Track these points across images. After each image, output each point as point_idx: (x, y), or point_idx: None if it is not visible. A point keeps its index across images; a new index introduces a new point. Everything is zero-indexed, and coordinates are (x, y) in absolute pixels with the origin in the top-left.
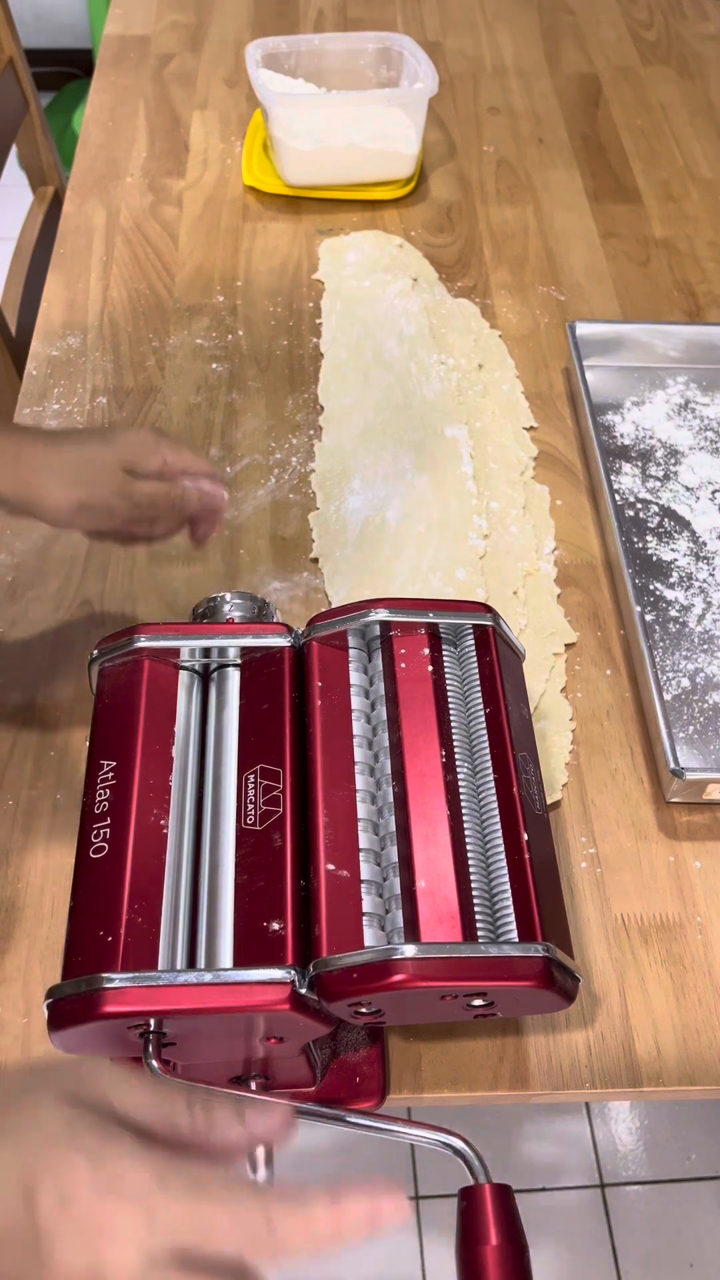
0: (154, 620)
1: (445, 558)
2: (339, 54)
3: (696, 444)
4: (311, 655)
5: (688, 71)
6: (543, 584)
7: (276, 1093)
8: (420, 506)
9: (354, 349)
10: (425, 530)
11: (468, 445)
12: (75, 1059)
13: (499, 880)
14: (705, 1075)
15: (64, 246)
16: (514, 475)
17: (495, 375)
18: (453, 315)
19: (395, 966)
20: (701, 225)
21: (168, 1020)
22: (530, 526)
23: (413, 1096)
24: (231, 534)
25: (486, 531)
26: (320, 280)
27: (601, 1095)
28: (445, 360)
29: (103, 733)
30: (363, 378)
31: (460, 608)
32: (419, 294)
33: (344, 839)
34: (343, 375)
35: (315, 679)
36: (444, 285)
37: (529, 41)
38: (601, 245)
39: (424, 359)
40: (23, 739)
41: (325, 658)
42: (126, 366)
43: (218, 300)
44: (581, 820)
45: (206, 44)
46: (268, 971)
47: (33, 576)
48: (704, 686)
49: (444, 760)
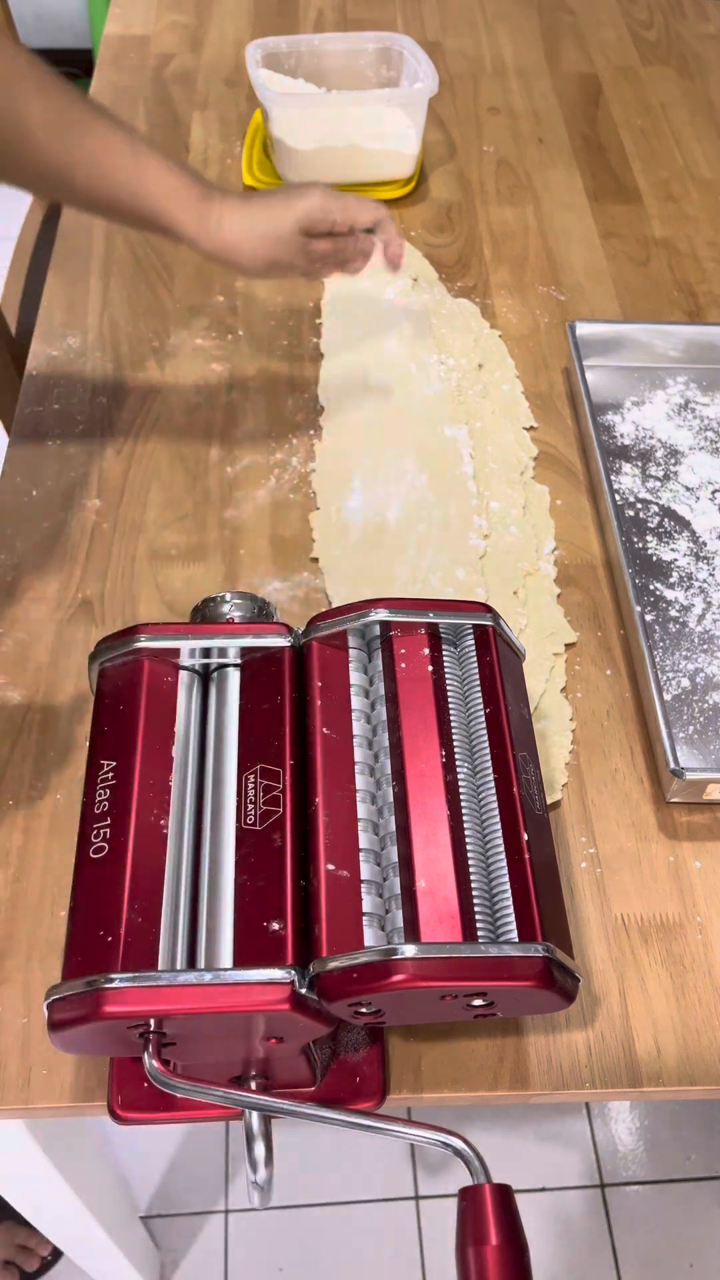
0: (154, 620)
1: (445, 558)
2: (339, 54)
3: (696, 444)
4: (311, 655)
5: (688, 71)
6: (543, 584)
7: (277, 1092)
8: (420, 507)
9: (354, 349)
10: (425, 530)
11: (468, 445)
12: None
13: (499, 880)
14: (705, 1075)
15: (64, 246)
16: (514, 475)
17: (495, 375)
18: (453, 315)
19: (395, 966)
20: (701, 225)
21: (168, 1020)
22: (530, 526)
23: (413, 1096)
24: (231, 534)
25: (486, 531)
26: (320, 280)
27: (601, 1095)
28: (445, 360)
29: (103, 733)
30: (363, 378)
31: (460, 608)
32: (419, 294)
33: (344, 839)
34: (343, 376)
35: (315, 679)
36: (444, 285)
37: (529, 41)
38: (601, 245)
39: (424, 359)
40: (23, 739)
41: (325, 658)
42: (126, 366)
43: (218, 300)
44: (581, 820)
45: (206, 44)
46: (268, 972)
47: (33, 576)
48: (704, 686)
49: (444, 760)
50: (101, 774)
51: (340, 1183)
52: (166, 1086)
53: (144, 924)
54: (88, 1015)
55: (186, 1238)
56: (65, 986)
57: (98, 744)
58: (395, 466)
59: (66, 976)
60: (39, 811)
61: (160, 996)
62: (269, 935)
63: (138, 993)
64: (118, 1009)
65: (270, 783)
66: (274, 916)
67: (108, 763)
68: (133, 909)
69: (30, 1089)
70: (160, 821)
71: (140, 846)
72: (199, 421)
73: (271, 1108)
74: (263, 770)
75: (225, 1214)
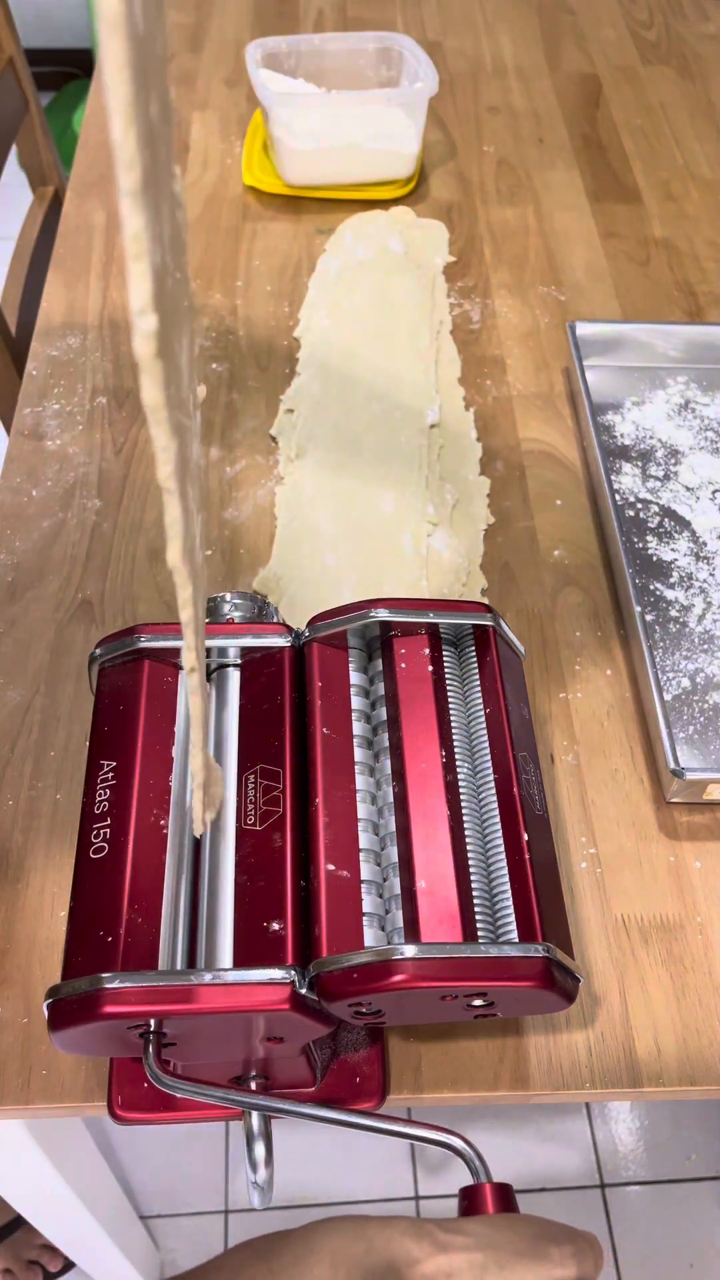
0: (154, 620)
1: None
2: (339, 54)
3: (697, 444)
4: (311, 655)
5: (688, 71)
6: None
7: (277, 1092)
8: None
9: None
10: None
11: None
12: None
13: (499, 880)
14: (705, 1075)
15: (64, 246)
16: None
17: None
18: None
19: (395, 967)
20: (701, 225)
21: (168, 1020)
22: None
23: (413, 1096)
24: (231, 534)
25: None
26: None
27: (602, 1095)
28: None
29: (103, 733)
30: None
31: (460, 608)
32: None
33: (344, 839)
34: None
35: (315, 679)
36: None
37: (529, 41)
38: (601, 245)
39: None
40: (23, 739)
41: (325, 658)
42: (126, 366)
43: (218, 300)
44: (581, 820)
45: (206, 44)
46: (267, 972)
47: (33, 576)
48: (704, 686)
49: (444, 760)
50: (101, 774)
51: (340, 1183)
52: (166, 1087)
53: (144, 924)
54: (88, 1015)
55: (186, 1238)
56: (65, 986)
57: (98, 744)
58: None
59: (66, 976)
60: (39, 811)
61: (160, 996)
62: (269, 935)
63: (138, 993)
64: (118, 1009)
65: (270, 783)
66: (274, 917)
67: (108, 763)
68: (133, 909)
69: (30, 1089)
70: (160, 821)
71: (140, 846)
72: (199, 421)
73: (271, 1108)
74: (263, 770)
75: (225, 1214)
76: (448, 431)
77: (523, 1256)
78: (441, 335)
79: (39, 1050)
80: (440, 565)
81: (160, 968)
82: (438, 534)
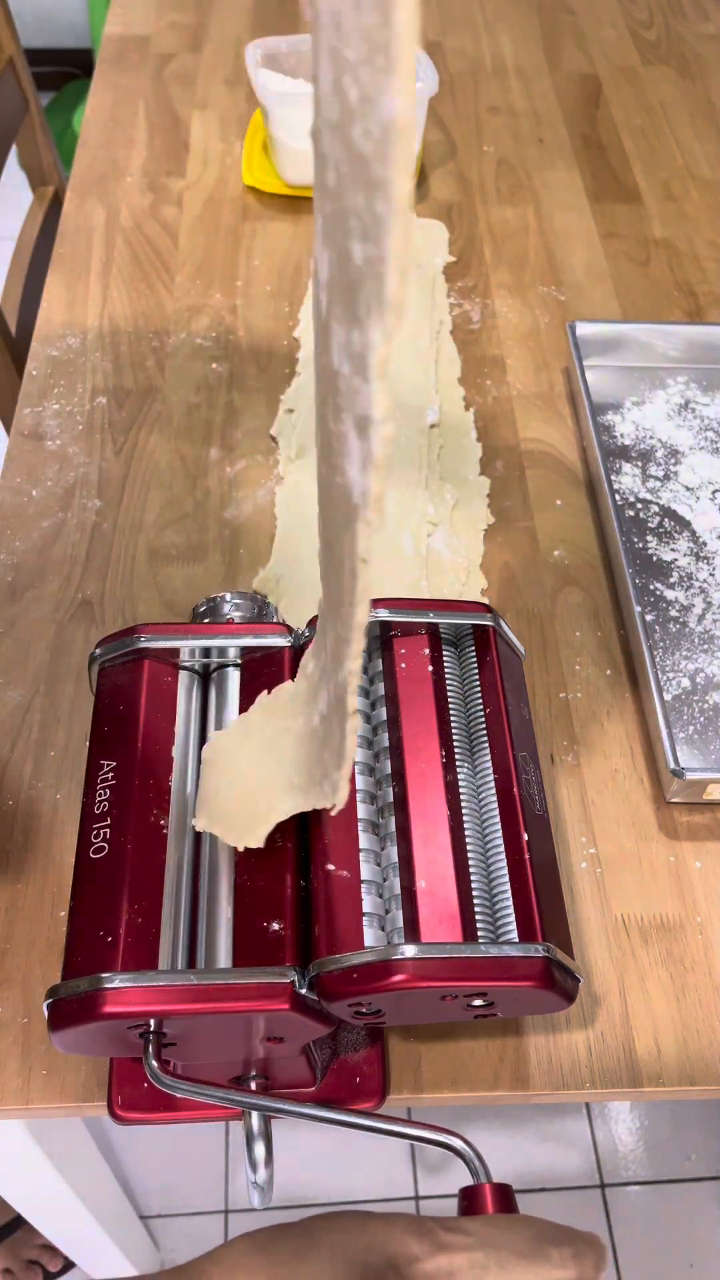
0: (154, 620)
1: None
2: None
3: (697, 444)
4: None
5: (688, 71)
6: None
7: (277, 1092)
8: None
9: None
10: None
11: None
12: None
13: (499, 880)
14: (705, 1075)
15: (64, 246)
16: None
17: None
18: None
19: (395, 967)
20: (701, 225)
21: (168, 1020)
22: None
23: (413, 1096)
24: (231, 534)
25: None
26: None
27: (602, 1095)
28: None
29: (103, 733)
30: None
31: (460, 608)
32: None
33: (344, 839)
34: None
35: None
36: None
37: (529, 41)
38: (601, 245)
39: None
40: (23, 739)
41: None
42: (126, 366)
43: (217, 300)
44: (581, 820)
45: (206, 44)
46: (267, 972)
47: (33, 576)
48: (704, 686)
49: (444, 760)
50: (101, 774)
51: (340, 1183)
52: (166, 1087)
53: (144, 924)
54: (88, 1015)
55: (186, 1238)
56: (65, 986)
57: (98, 744)
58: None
59: (66, 976)
60: (39, 811)
61: (160, 996)
62: (269, 935)
63: (138, 993)
64: (118, 1009)
65: None
66: (274, 917)
67: (108, 763)
68: (133, 909)
69: (30, 1089)
70: (160, 821)
71: (140, 846)
72: (199, 421)
73: (271, 1108)
74: None
75: (225, 1214)
76: (448, 431)
77: (523, 1257)
78: (441, 335)
79: (39, 1050)
80: (440, 565)
81: (160, 968)
82: (438, 534)
